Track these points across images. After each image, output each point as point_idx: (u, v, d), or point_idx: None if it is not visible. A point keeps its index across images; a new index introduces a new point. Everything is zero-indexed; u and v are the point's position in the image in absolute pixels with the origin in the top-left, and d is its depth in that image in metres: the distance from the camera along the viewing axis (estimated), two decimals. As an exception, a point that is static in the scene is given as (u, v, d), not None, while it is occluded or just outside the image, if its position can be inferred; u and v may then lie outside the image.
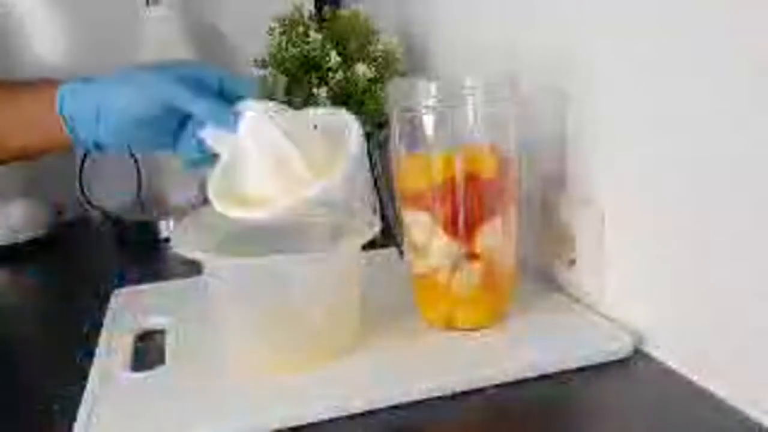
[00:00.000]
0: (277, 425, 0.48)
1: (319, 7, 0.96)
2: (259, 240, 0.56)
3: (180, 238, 0.56)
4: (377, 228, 0.56)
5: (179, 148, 0.58)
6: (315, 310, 0.55)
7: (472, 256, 0.57)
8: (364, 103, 0.86)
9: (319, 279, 0.55)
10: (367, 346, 0.56)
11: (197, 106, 0.54)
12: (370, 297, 0.59)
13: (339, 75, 0.84)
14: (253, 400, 0.50)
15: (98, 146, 0.58)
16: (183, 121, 0.57)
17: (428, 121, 0.56)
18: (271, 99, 0.57)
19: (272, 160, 0.52)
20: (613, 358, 0.53)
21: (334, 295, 0.56)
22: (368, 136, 0.90)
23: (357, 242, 0.55)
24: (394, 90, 0.59)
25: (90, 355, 0.59)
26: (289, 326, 0.55)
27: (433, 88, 0.56)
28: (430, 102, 0.56)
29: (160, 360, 0.57)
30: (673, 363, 0.52)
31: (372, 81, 0.86)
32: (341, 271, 0.56)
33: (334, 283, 0.56)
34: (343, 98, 0.86)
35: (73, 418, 0.49)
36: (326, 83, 0.85)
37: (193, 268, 0.76)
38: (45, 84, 0.58)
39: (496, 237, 0.57)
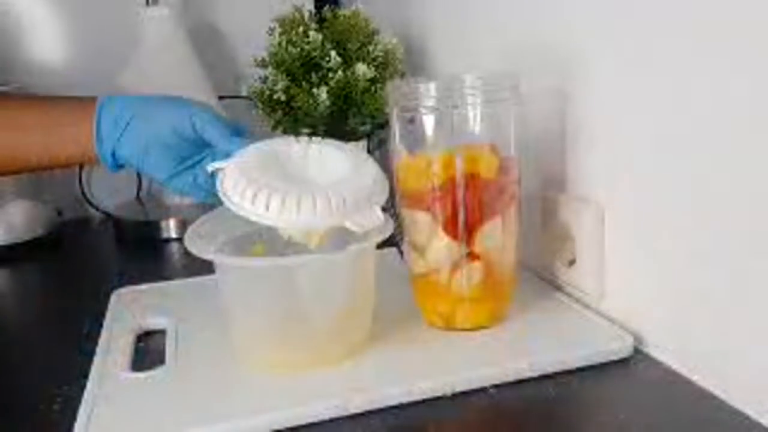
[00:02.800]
0: (277, 425, 0.48)
1: (319, 7, 0.96)
2: (271, 240, 0.56)
3: (193, 238, 0.55)
4: (391, 229, 0.55)
5: (174, 182, 0.61)
6: (328, 310, 0.54)
7: (472, 256, 0.57)
8: (364, 103, 0.86)
9: (331, 279, 0.54)
10: (367, 345, 0.56)
11: (221, 136, 0.58)
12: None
13: (339, 75, 0.84)
14: (253, 400, 0.50)
15: (114, 158, 0.60)
16: (192, 156, 0.61)
17: (428, 121, 0.56)
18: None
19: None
20: (613, 358, 0.54)
21: (347, 295, 0.55)
22: (368, 136, 0.90)
23: (370, 243, 0.54)
24: (394, 90, 0.59)
25: (90, 355, 0.59)
26: (302, 326, 0.54)
27: (432, 88, 0.56)
28: (430, 102, 0.56)
29: (160, 360, 0.57)
30: (673, 363, 0.52)
31: (372, 81, 0.86)
32: (354, 271, 0.56)
33: (347, 284, 0.55)
34: (343, 98, 0.86)
35: (73, 418, 0.49)
36: (326, 83, 0.85)
37: (194, 268, 0.76)
38: (80, 97, 0.63)
39: (496, 237, 0.57)
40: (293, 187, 0.52)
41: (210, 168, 0.57)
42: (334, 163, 0.56)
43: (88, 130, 0.60)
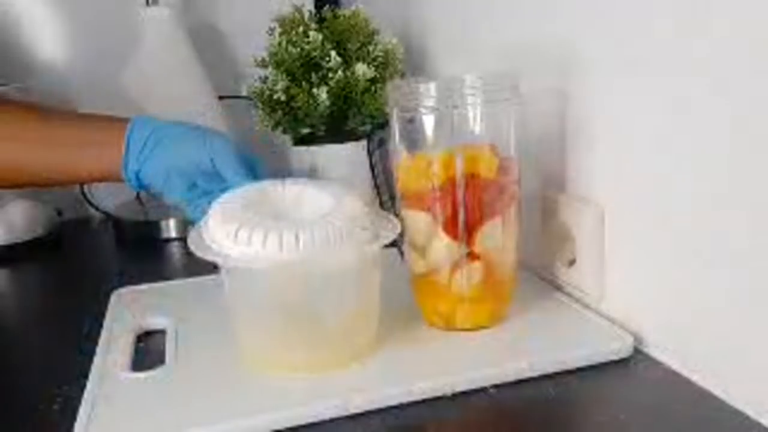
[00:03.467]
0: (277, 425, 0.48)
1: (319, 7, 0.96)
2: None
3: (197, 239, 0.54)
4: (399, 229, 0.55)
5: (190, 207, 0.65)
6: (337, 311, 0.54)
7: (472, 256, 0.57)
8: (364, 103, 0.86)
9: (341, 280, 0.54)
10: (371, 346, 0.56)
11: (235, 174, 0.62)
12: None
13: (339, 75, 0.84)
14: (253, 400, 0.50)
15: (138, 179, 0.64)
16: (208, 185, 0.64)
17: (428, 121, 0.56)
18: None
19: None
20: (613, 358, 0.54)
21: (357, 296, 0.55)
22: (368, 136, 0.90)
23: (379, 243, 0.53)
24: (394, 90, 0.59)
25: (90, 355, 0.59)
26: (310, 328, 0.54)
27: (432, 88, 0.56)
28: (430, 102, 0.56)
29: (160, 360, 0.57)
30: (673, 363, 0.52)
31: (372, 81, 0.86)
32: (362, 272, 0.55)
33: (357, 285, 0.55)
34: (343, 98, 0.86)
35: (73, 418, 0.49)
36: (326, 83, 0.85)
37: (194, 268, 0.76)
38: (114, 117, 0.66)
39: (496, 237, 0.57)
40: (262, 223, 0.52)
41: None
42: (315, 202, 0.56)
43: (118, 150, 0.63)
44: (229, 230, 0.52)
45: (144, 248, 0.99)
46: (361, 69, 0.84)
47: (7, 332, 0.73)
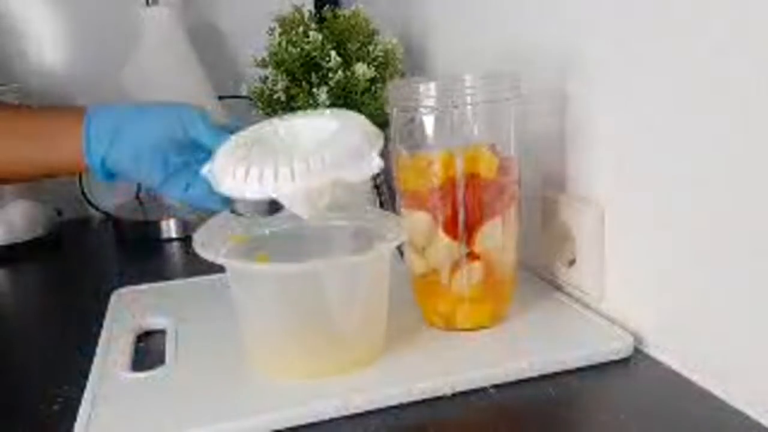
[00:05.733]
0: (277, 425, 0.48)
1: (319, 7, 0.96)
2: (281, 244, 0.55)
3: (203, 241, 0.54)
4: (405, 233, 0.55)
5: (169, 187, 0.59)
6: (347, 315, 0.53)
7: (472, 256, 0.57)
8: (364, 103, 0.86)
9: (351, 284, 0.53)
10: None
11: (209, 135, 0.57)
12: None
13: (339, 75, 0.84)
14: (253, 400, 0.50)
15: (105, 167, 0.58)
16: (184, 160, 0.59)
17: (428, 121, 0.56)
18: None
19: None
20: (613, 358, 0.54)
21: (365, 300, 0.54)
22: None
23: (389, 246, 0.53)
24: (394, 90, 0.59)
25: (90, 355, 0.59)
26: (319, 332, 0.53)
27: (433, 88, 0.56)
28: (430, 102, 0.56)
29: (160, 360, 0.57)
30: (673, 363, 0.52)
31: (372, 81, 0.86)
32: (373, 275, 0.55)
33: (366, 289, 0.54)
34: (343, 98, 0.86)
35: (73, 418, 0.49)
36: (326, 83, 0.85)
37: (194, 268, 0.76)
38: (70, 107, 0.62)
39: (496, 237, 0.57)
40: (270, 157, 0.51)
41: (203, 171, 0.55)
42: (319, 129, 0.54)
43: (77, 140, 0.58)
44: (239, 172, 0.51)
45: (144, 248, 0.99)
46: (361, 69, 0.84)
47: (7, 332, 0.73)
